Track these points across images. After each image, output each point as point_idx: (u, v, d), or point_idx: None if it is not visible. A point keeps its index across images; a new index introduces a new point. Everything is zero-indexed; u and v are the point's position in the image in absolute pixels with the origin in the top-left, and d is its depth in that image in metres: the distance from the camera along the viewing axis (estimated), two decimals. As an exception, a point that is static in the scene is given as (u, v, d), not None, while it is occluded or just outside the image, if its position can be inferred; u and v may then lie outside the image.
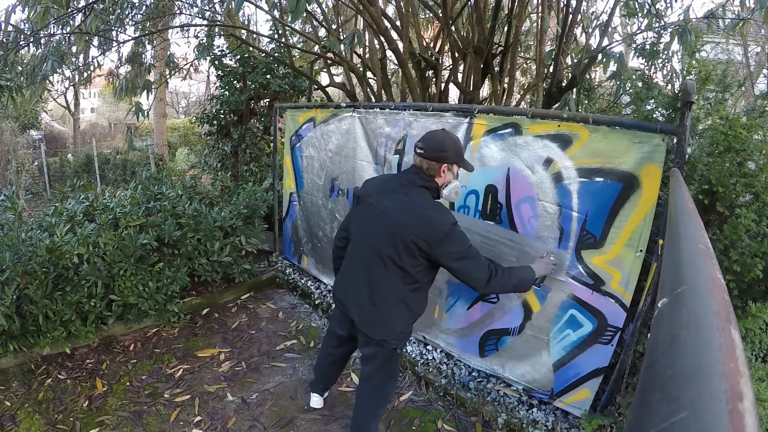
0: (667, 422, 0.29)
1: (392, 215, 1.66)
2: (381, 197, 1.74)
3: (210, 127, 5.26)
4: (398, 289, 1.70)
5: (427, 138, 1.71)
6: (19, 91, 4.24)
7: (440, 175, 1.69)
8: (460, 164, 1.74)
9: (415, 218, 1.61)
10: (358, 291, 1.77)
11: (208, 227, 3.23)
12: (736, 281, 1.78)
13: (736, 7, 3.94)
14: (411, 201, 1.65)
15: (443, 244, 1.59)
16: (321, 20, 4.70)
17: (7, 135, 10.01)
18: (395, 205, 1.67)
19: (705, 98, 2.09)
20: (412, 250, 1.61)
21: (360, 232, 1.82)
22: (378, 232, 1.70)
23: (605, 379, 2.06)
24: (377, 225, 1.70)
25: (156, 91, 5.92)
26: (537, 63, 3.30)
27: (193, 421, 2.25)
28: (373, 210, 1.74)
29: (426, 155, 1.66)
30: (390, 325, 1.73)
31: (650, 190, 1.78)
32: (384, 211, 1.69)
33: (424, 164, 1.67)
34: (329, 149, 3.29)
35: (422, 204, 1.65)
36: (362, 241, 1.79)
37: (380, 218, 1.70)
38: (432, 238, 1.59)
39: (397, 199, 1.68)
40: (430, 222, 1.60)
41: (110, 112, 22.47)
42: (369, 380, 1.92)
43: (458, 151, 1.72)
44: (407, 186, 1.69)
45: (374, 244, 1.71)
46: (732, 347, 0.34)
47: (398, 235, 1.62)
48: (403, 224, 1.62)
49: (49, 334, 2.59)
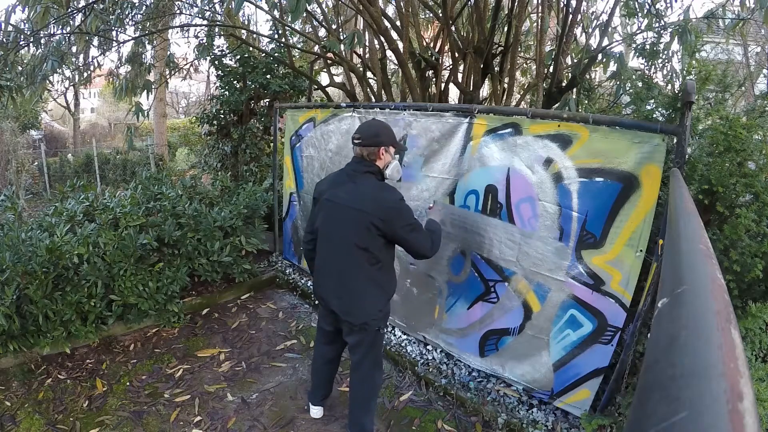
0: (667, 422, 0.29)
1: (348, 204, 1.81)
2: (334, 191, 1.89)
3: (210, 127, 5.26)
4: (366, 271, 1.83)
5: (362, 128, 1.91)
6: (19, 91, 4.24)
7: (380, 157, 1.87)
8: (395, 145, 1.92)
9: (368, 201, 1.78)
10: (333, 282, 1.90)
11: (208, 227, 3.23)
12: (736, 281, 1.78)
13: (736, 7, 3.94)
14: (361, 187, 1.82)
15: (396, 219, 1.77)
16: (321, 20, 4.70)
17: (7, 135, 10.01)
18: (348, 194, 1.83)
19: (705, 98, 2.09)
20: (371, 230, 1.76)
21: (324, 227, 1.93)
22: (339, 222, 1.85)
23: (605, 379, 2.06)
24: (337, 216, 1.85)
25: (156, 91, 5.92)
26: (537, 63, 3.30)
27: (193, 421, 2.25)
28: (330, 204, 1.89)
29: (364, 143, 1.84)
30: (367, 307, 1.86)
31: (650, 190, 1.78)
32: (340, 202, 1.85)
33: (364, 152, 1.85)
34: (329, 149, 3.29)
35: (371, 187, 1.82)
36: (328, 235, 1.92)
37: (338, 210, 1.85)
38: (386, 216, 1.76)
39: (348, 188, 1.84)
40: (382, 201, 1.78)
41: (110, 112, 22.45)
42: (359, 368, 2.00)
43: (390, 135, 1.90)
44: (354, 175, 1.86)
45: (338, 234, 1.86)
46: (732, 347, 0.34)
47: (356, 219, 1.77)
48: (359, 209, 1.78)
49: (49, 334, 2.59)
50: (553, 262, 2.08)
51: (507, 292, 2.29)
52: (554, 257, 2.07)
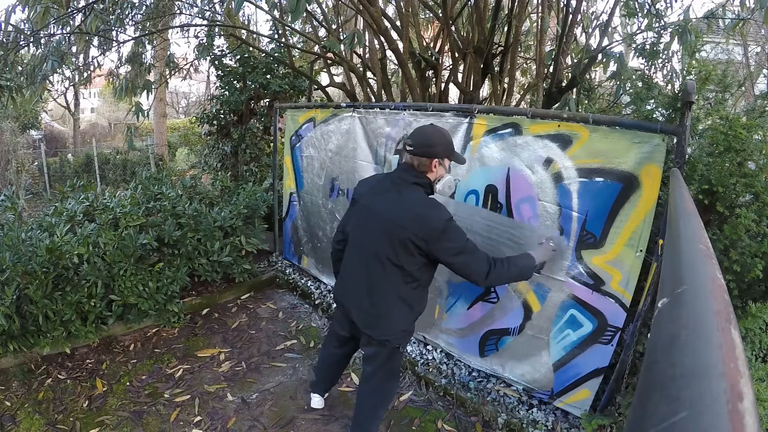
0: (667, 422, 0.29)
1: (387, 215, 1.65)
2: (375, 197, 1.74)
3: (210, 127, 5.26)
4: (398, 288, 1.69)
5: (415, 134, 1.69)
6: (19, 91, 4.24)
7: (432, 170, 1.67)
8: (451, 158, 1.72)
9: (411, 216, 1.60)
10: (358, 293, 1.76)
11: (208, 227, 3.23)
12: (736, 281, 1.78)
13: (736, 7, 3.94)
14: (405, 199, 1.64)
15: (440, 240, 1.58)
16: (321, 20, 4.70)
17: (7, 135, 10.01)
18: (389, 204, 1.66)
19: (705, 98, 2.09)
20: (409, 248, 1.60)
21: (356, 234, 1.80)
22: (374, 233, 1.68)
23: (605, 379, 2.06)
24: (373, 226, 1.69)
25: (156, 91, 5.92)
26: (537, 63, 3.30)
27: (193, 421, 2.25)
28: (367, 211, 1.74)
29: (416, 152, 1.64)
30: (391, 324, 1.73)
31: (650, 190, 1.77)
32: (378, 211, 1.68)
33: (414, 161, 1.66)
34: (329, 149, 3.29)
35: (416, 201, 1.64)
36: (359, 243, 1.79)
37: (375, 219, 1.69)
38: (429, 236, 1.58)
39: (390, 198, 1.67)
40: (426, 219, 1.59)
41: (110, 112, 22.45)
42: (370, 379, 1.91)
43: (448, 146, 1.70)
44: (400, 184, 1.67)
45: (371, 245, 1.70)
46: (732, 347, 0.34)
47: (395, 234, 1.61)
48: (398, 223, 1.61)
49: (49, 334, 2.59)
50: (552, 261, 2.07)
51: (507, 292, 2.29)
52: (554, 257, 2.07)
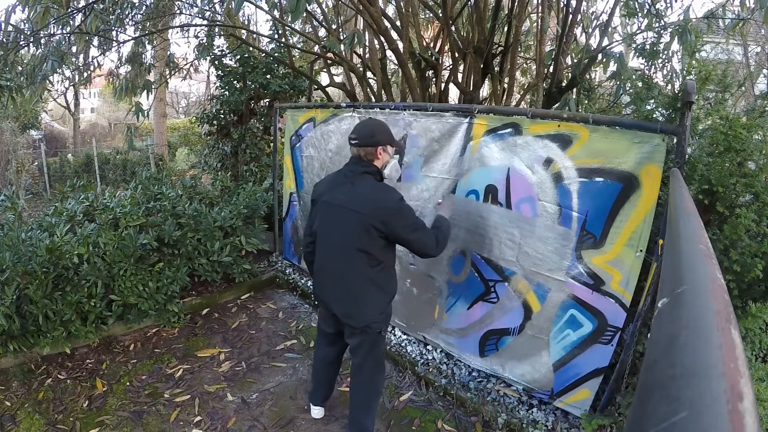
0: (667, 422, 0.29)
1: (347, 206, 1.79)
2: (332, 193, 1.87)
3: (210, 127, 5.26)
4: (366, 273, 1.81)
5: (358, 128, 1.89)
6: (19, 91, 4.24)
7: (378, 157, 1.84)
8: (392, 144, 1.90)
9: (367, 203, 1.75)
10: (333, 285, 1.88)
11: (208, 227, 3.23)
12: (736, 281, 1.78)
13: (736, 7, 3.94)
14: (358, 188, 1.80)
15: (396, 220, 1.74)
16: (321, 20, 4.70)
17: (7, 135, 10.00)
18: (346, 196, 1.80)
19: (705, 98, 2.09)
20: (370, 232, 1.73)
21: (322, 230, 1.91)
22: (338, 225, 1.82)
23: (605, 379, 2.06)
24: (336, 218, 1.83)
25: (156, 91, 5.92)
26: (537, 63, 3.30)
27: (193, 421, 2.25)
28: (328, 206, 1.87)
29: (360, 143, 1.82)
30: (368, 309, 1.84)
31: (650, 190, 1.78)
32: (338, 204, 1.82)
33: (361, 152, 1.83)
34: (329, 149, 3.29)
35: (369, 188, 1.80)
36: (326, 237, 1.90)
37: (337, 212, 1.82)
38: (386, 216, 1.73)
39: (346, 190, 1.82)
40: (381, 202, 1.75)
41: (110, 112, 22.45)
42: (360, 371, 1.99)
43: (387, 133, 1.88)
44: (352, 176, 1.83)
45: (337, 237, 1.84)
46: (732, 347, 0.34)
47: (355, 221, 1.75)
48: (357, 211, 1.75)
49: (49, 334, 2.59)
50: (553, 262, 2.08)
51: (507, 292, 2.29)
52: (554, 257, 2.07)
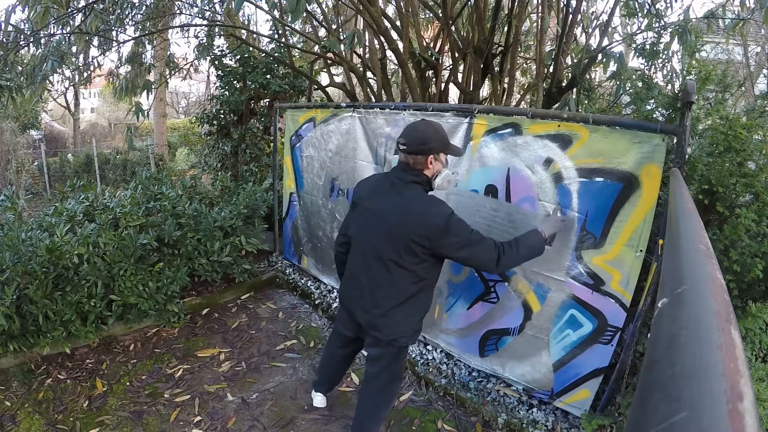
0: (667, 422, 0.29)
1: (389, 217, 1.63)
2: (375, 200, 1.72)
3: (210, 127, 5.26)
4: (404, 289, 1.67)
5: (408, 132, 1.65)
6: (19, 91, 4.24)
7: (428, 167, 1.65)
8: (446, 152, 1.69)
9: (412, 217, 1.59)
10: (363, 295, 1.75)
11: (208, 227, 3.23)
12: (736, 281, 1.78)
13: (736, 7, 3.94)
14: (405, 200, 1.63)
15: (445, 237, 1.56)
16: (321, 20, 4.70)
17: (7, 135, 10.01)
18: (390, 206, 1.65)
19: (705, 98, 2.09)
20: (413, 249, 1.58)
21: (359, 237, 1.79)
22: (376, 236, 1.67)
23: (605, 379, 2.06)
24: (374, 228, 1.68)
25: (156, 91, 5.92)
26: (537, 63, 3.30)
27: (193, 421, 2.25)
28: (368, 214, 1.72)
29: (410, 150, 1.62)
30: (399, 324, 1.71)
31: (650, 190, 1.78)
32: (379, 213, 1.67)
33: (410, 159, 1.63)
34: (329, 149, 3.29)
35: (417, 201, 1.62)
36: (362, 246, 1.77)
37: (377, 221, 1.67)
38: (432, 234, 1.56)
39: (390, 200, 1.66)
40: (428, 218, 1.57)
41: (110, 112, 22.45)
42: (375, 380, 1.89)
43: (442, 139, 1.66)
44: (399, 185, 1.66)
45: (374, 248, 1.68)
46: (732, 347, 0.34)
47: (397, 236, 1.60)
48: (400, 225, 1.60)
49: (49, 334, 2.59)
50: (553, 261, 2.08)
51: (507, 292, 2.29)
52: (554, 257, 2.07)
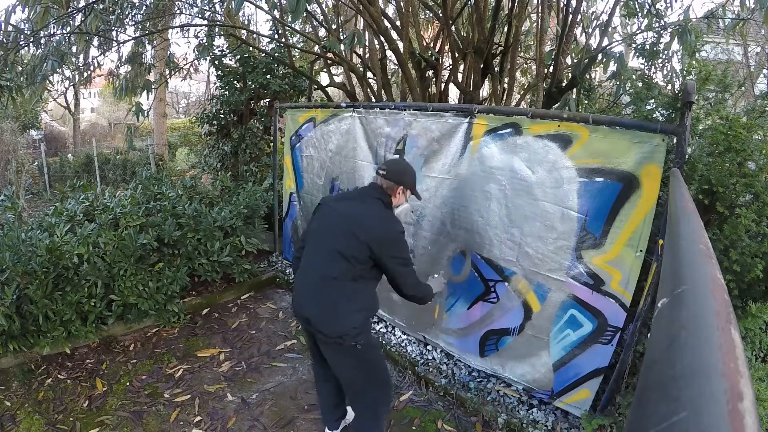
0: (667, 422, 0.29)
1: (350, 215, 1.80)
2: (340, 202, 1.92)
3: (210, 127, 5.27)
4: (347, 282, 1.76)
5: (390, 162, 1.97)
6: (19, 91, 4.24)
7: (396, 195, 1.87)
8: (412, 191, 1.94)
9: (371, 220, 1.78)
10: (313, 288, 1.82)
11: (208, 227, 3.23)
12: (736, 281, 1.78)
13: (736, 7, 3.94)
14: (367, 207, 1.83)
15: (391, 248, 1.75)
16: (321, 20, 4.70)
17: (7, 135, 9.99)
18: (353, 209, 1.84)
19: (705, 98, 2.09)
20: (362, 248, 1.73)
21: (316, 231, 1.91)
22: (333, 229, 1.82)
23: (605, 379, 2.06)
24: (333, 223, 1.84)
25: (156, 91, 5.92)
26: (537, 63, 3.29)
27: (193, 421, 2.25)
28: (330, 211, 1.88)
29: (387, 176, 1.85)
30: (341, 320, 1.74)
31: (650, 190, 1.78)
32: (341, 211, 1.84)
33: (384, 183, 1.85)
34: (329, 149, 3.29)
35: (377, 210, 1.82)
36: (317, 238, 1.88)
37: (337, 218, 1.84)
38: (383, 240, 1.74)
39: (354, 204, 1.86)
40: (384, 224, 1.78)
41: (110, 112, 22.44)
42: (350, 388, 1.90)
43: (413, 179, 1.93)
44: (365, 196, 1.87)
45: (328, 240, 1.82)
46: (732, 347, 0.34)
47: (353, 232, 1.74)
48: (359, 223, 1.76)
49: (49, 334, 2.59)
50: (553, 262, 2.08)
51: (507, 292, 2.29)
52: (554, 257, 2.07)
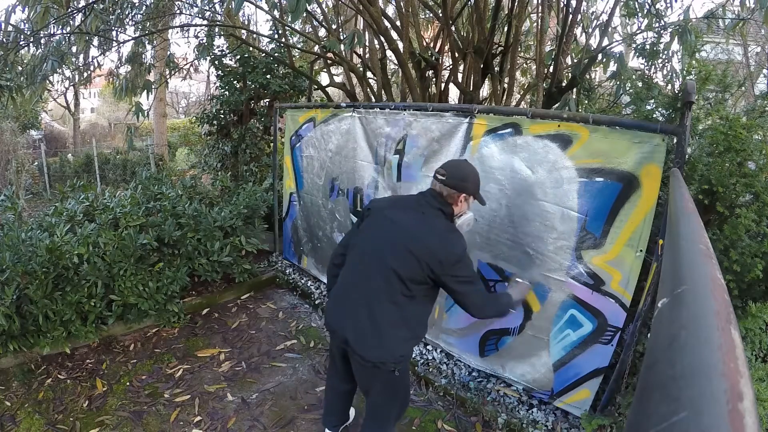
0: (667, 422, 0.29)
1: (409, 229, 1.61)
2: (396, 211, 1.70)
3: (210, 127, 5.26)
4: (399, 305, 1.59)
5: (450, 165, 1.69)
6: (19, 91, 4.24)
7: (457, 204, 1.66)
8: (476, 197, 1.72)
9: (434, 237, 1.57)
10: (356, 307, 1.63)
11: (208, 227, 3.23)
12: (736, 281, 1.78)
13: (736, 7, 3.94)
14: (428, 220, 1.62)
15: (454, 267, 1.56)
16: (321, 20, 4.70)
17: (7, 135, 9.99)
18: (413, 220, 1.63)
19: (705, 98, 2.09)
20: (422, 266, 1.55)
21: (365, 242, 1.70)
22: (388, 242, 1.62)
23: (605, 379, 2.06)
24: (388, 235, 1.64)
25: (156, 91, 5.92)
26: (537, 63, 3.29)
27: (193, 421, 2.25)
28: (386, 221, 1.67)
29: (448, 182, 1.63)
30: (388, 346, 1.59)
31: (650, 190, 1.78)
32: (400, 223, 1.63)
33: (444, 191, 1.64)
34: (329, 149, 3.29)
35: (440, 225, 1.62)
36: (366, 251, 1.68)
37: (394, 230, 1.64)
38: (446, 259, 1.54)
39: (414, 215, 1.64)
40: (448, 243, 1.57)
41: (110, 112, 22.44)
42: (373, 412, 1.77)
43: (478, 184, 1.70)
44: (425, 206, 1.66)
45: (380, 254, 1.62)
46: (732, 347, 0.34)
47: (412, 249, 1.56)
48: (420, 240, 1.57)
49: (49, 334, 2.59)
50: (553, 262, 2.08)
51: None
52: (554, 257, 2.07)
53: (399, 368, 1.63)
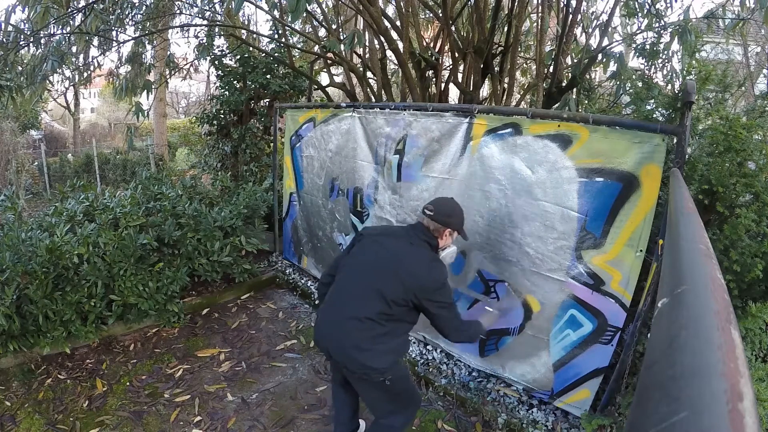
0: (667, 422, 0.29)
1: (398, 255, 1.74)
2: (386, 238, 1.84)
3: (210, 127, 5.26)
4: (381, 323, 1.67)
5: (438, 203, 1.85)
6: (19, 91, 4.24)
7: (443, 237, 1.81)
8: (459, 232, 1.87)
9: (420, 265, 1.71)
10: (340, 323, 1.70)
11: (208, 227, 3.23)
12: (736, 281, 1.78)
13: (736, 7, 3.94)
14: (416, 250, 1.76)
15: (436, 294, 1.69)
16: (321, 20, 4.70)
17: (7, 135, 10.00)
18: (402, 248, 1.76)
19: (705, 98, 2.09)
20: (405, 290, 1.66)
21: (355, 263, 1.82)
22: (376, 265, 1.75)
23: (605, 379, 2.06)
24: (378, 259, 1.76)
25: (156, 91, 5.92)
26: (537, 63, 3.29)
27: (193, 421, 2.25)
28: (377, 246, 1.80)
29: (435, 218, 1.78)
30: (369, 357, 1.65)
31: (650, 190, 1.78)
32: (389, 249, 1.77)
33: (431, 225, 1.79)
34: (329, 149, 3.29)
35: (426, 255, 1.76)
36: (356, 270, 1.79)
37: (383, 254, 1.76)
38: (428, 287, 1.68)
39: (403, 244, 1.78)
40: (432, 272, 1.70)
41: (110, 112, 22.44)
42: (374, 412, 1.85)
43: (462, 220, 1.86)
44: (413, 237, 1.79)
45: (368, 275, 1.74)
46: (732, 347, 0.34)
47: (398, 273, 1.68)
48: (407, 266, 1.70)
49: (49, 334, 2.59)
50: (553, 262, 2.08)
51: (507, 292, 2.28)
52: (554, 257, 2.07)
53: (388, 378, 1.70)
